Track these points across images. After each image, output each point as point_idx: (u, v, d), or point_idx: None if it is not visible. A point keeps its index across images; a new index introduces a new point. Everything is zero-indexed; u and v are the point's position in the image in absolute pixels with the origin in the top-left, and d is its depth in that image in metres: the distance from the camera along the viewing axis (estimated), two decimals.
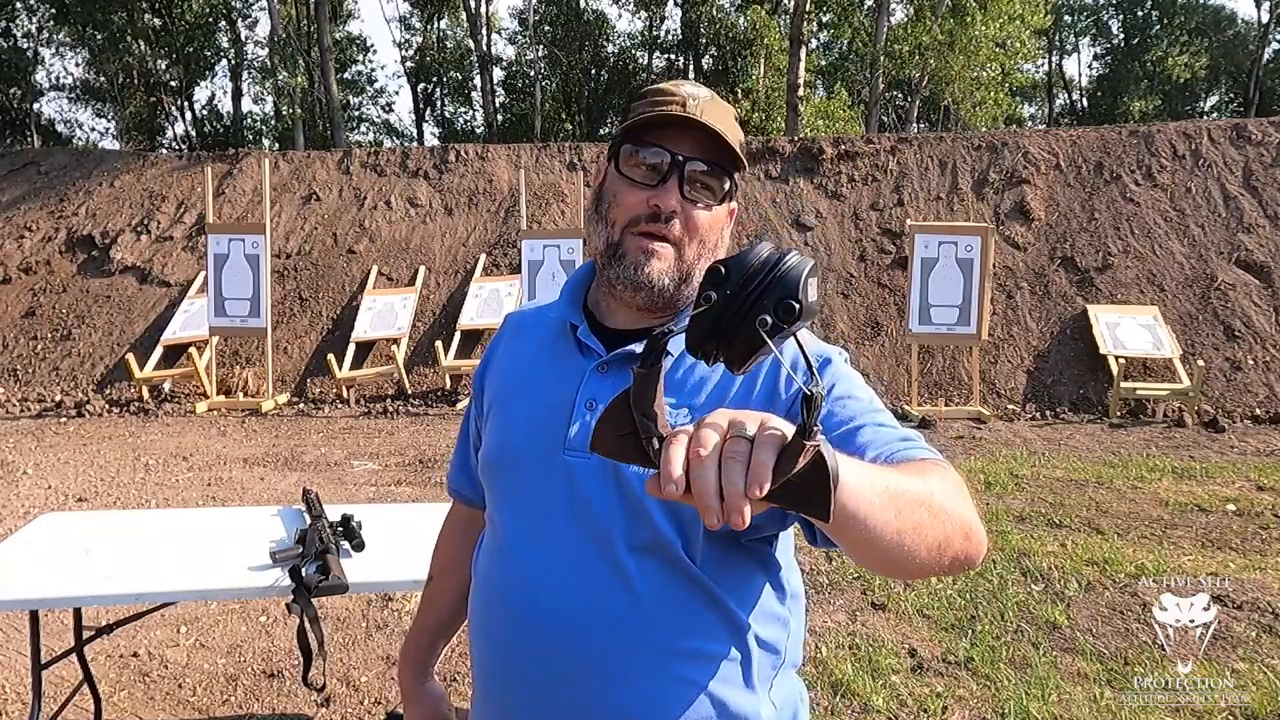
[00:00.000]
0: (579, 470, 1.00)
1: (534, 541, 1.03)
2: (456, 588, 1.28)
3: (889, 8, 19.67)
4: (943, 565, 0.81)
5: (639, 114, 1.01)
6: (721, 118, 1.02)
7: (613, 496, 0.99)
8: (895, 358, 9.46)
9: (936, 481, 0.83)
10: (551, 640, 1.00)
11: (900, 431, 0.94)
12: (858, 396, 0.99)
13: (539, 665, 1.01)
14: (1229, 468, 6.26)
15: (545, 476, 1.02)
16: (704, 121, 0.98)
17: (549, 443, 1.03)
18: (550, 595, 1.00)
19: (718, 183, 1.03)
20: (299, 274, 10.81)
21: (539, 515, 1.03)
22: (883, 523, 0.72)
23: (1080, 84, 33.73)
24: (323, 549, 2.18)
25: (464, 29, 27.56)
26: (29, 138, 24.29)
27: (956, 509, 0.82)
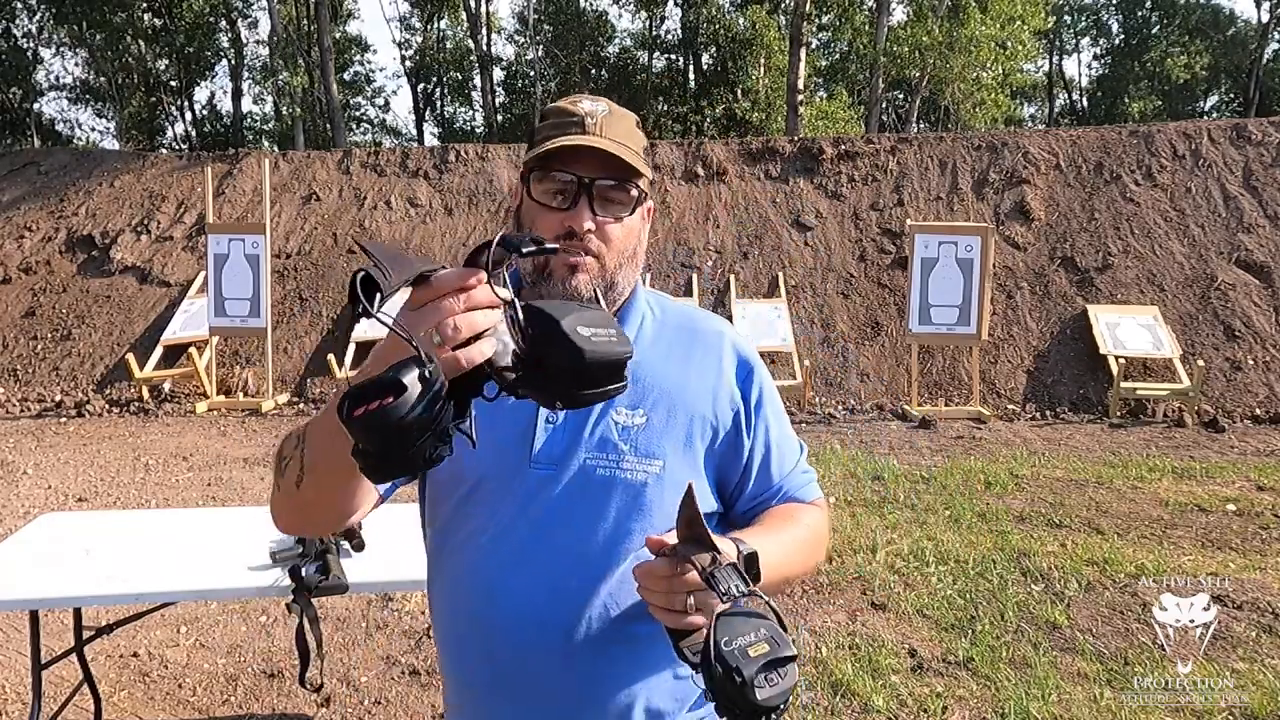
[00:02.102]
0: (550, 482, 1.07)
1: (514, 555, 1.08)
2: None
3: (889, 8, 19.67)
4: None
5: (541, 139, 1.06)
6: (621, 130, 1.07)
7: (585, 511, 1.07)
8: (895, 358, 9.45)
9: (803, 530, 1.13)
10: (537, 643, 1.06)
11: (788, 467, 1.19)
12: (774, 419, 1.19)
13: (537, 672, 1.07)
14: (1229, 468, 6.26)
15: (517, 492, 1.08)
16: (600, 145, 1.03)
17: (517, 458, 1.08)
18: (534, 606, 1.06)
19: (625, 194, 1.08)
20: (299, 274, 10.81)
21: (513, 531, 1.08)
22: (780, 583, 1.05)
23: (1080, 84, 33.75)
24: (323, 549, 2.18)
25: (464, 29, 27.56)
26: (29, 138, 24.28)
27: (819, 548, 1.15)
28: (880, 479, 5.91)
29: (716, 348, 1.18)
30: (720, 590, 0.86)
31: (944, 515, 5.06)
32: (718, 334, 1.20)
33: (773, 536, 1.07)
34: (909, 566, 4.20)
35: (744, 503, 1.20)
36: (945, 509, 5.18)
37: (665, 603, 0.91)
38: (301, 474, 0.96)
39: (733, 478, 1.18)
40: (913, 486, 5.74)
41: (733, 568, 0.88)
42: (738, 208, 11.21)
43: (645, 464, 1.09)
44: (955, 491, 5.59)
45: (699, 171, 11.65)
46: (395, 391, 0.65)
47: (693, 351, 1.16)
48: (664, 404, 1.11)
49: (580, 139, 1.03)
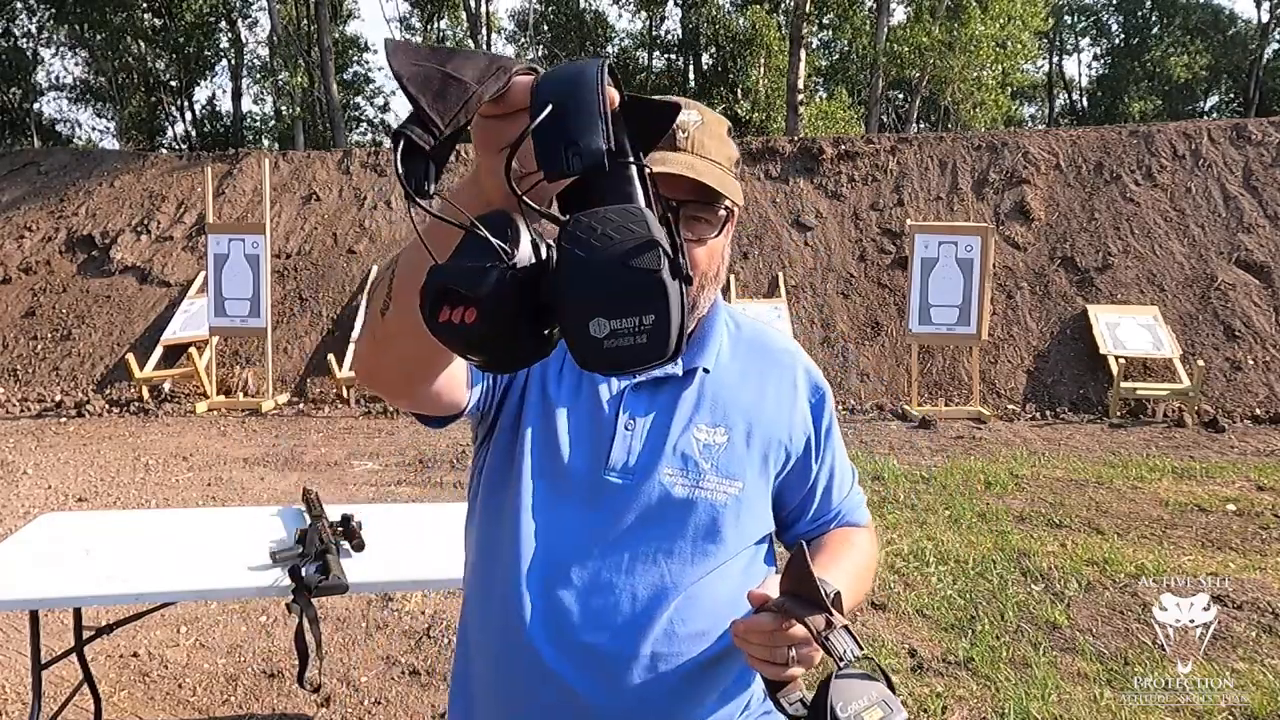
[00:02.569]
0: (624, 492, 1.04)
1: (574, 563, 1.03)
2: None
3: (889, 8, 19.67)
4: None
5: None
6: (713, 144, 1.02)
7: (661, 528, 1.04)
8: (895, 358, 9.45)
9: (863, 556, 1.16)
10: (588, 662, 1.01)
11: (845, 491, 1.21)
12: (838, 445, 1.20)
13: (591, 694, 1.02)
14: (1229, 468, 6.26)
15: (586, 497, 1.04)
16: (696, 173, 0.98)
17: (592, 462, 1.05)
18: (592, 620, 1.02)
19: (713, 215, 1.04)
20: (299, 274, 10.81)
21: (578, 537, 1.04)
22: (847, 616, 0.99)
23: (1080, 84, 33.75)
24: (323, 549, 2.18)
25: (464, 29, 27.56)
26: (29, 138, 24.28)
27: (872, 573, 1.18)
28: (880, 479, 5.91)
29: (791, 370, 1.17)
30: (836, 655, 0.86)
31: (944, 515, 5.06)
32: (791, 355, 1.19)
33: (841, 569, 1.07)
34: (909, 566, 4.20)
35: (803, 525, 1.20)
36: (945, 509, 5.18)
37: (768, 656, 0.91)
38: (388, 300, 0.83)
39: (793, 501, 1.18)
40: (913, 486, 5.74)
41: (846, 630, 0.88)
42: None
43: (726, 485, 1.06)
44: (955, 491, 5.59)
45: None
46: (477, 303, 0.56)
47: (768, 372, 1.15)
48: (743, 424, 1.10)
49: (674, 160, 0.97)
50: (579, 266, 0.54)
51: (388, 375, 0.91)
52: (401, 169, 0.56)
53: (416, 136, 0.56)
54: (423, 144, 0.56)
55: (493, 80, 0.58)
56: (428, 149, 0.56)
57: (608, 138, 0.56)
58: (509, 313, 0.56)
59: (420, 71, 0.58)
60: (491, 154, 0.63)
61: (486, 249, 0.56)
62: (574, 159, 0.56)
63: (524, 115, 0.58)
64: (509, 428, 1.08)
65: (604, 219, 0.55)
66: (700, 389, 1.09)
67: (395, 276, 0.81)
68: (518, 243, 0.57)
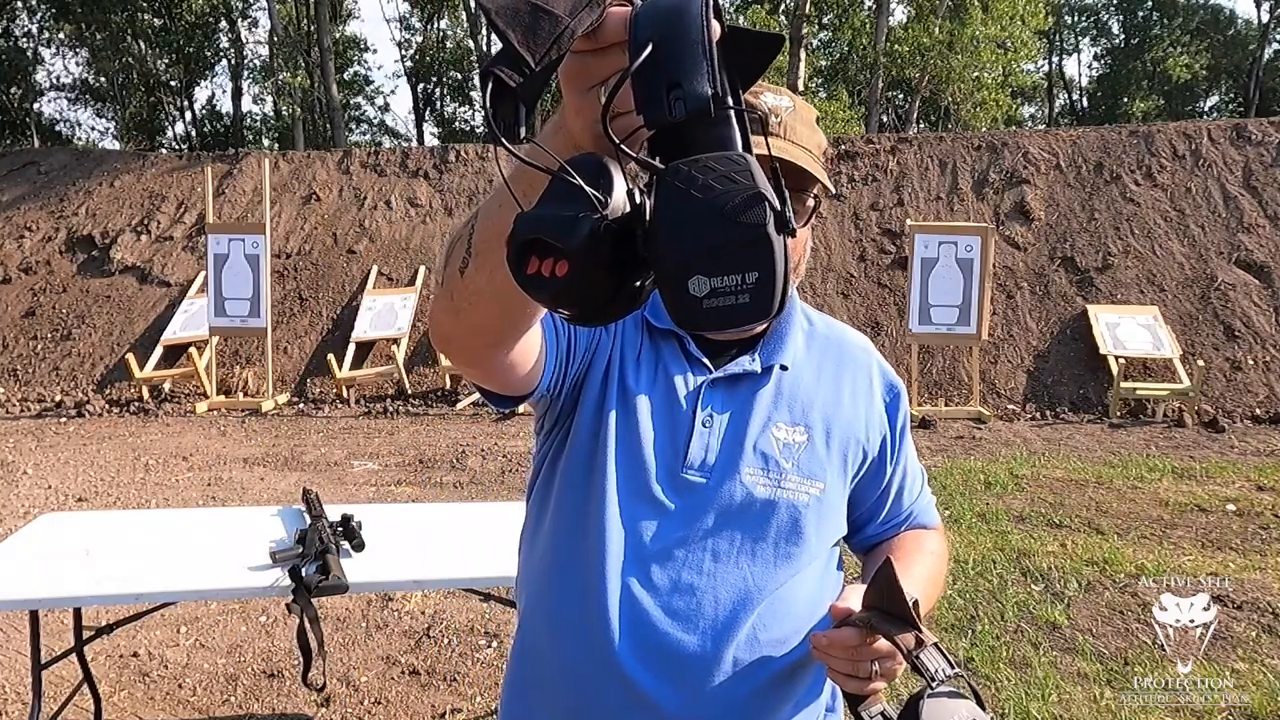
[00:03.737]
0: (705, 491, 1.00)
1: (660, 562, 0.99)
2: None
3: (889, 8, 19.67)
4: None
5: None
6: (803, 130, 1.00)
7: (741, 529, 1.00)
8: (895, 358, 9.45)
9: (936, 560, 1.15)
10: (664, 669, 0.97)
11: (916, 492, 1.20)
12: (908, 450, 1.18)
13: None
14: (1229, 468, 6.26)
15: (660, 495, 1.00)
16: (788, 155, 0.94)
17: (670, 459, 1.01)
18: (668, 623, 0.98)
19: (801, 205, 1.00)
20: (299, 274, 10.81)
21: (650, 534, 1.00)
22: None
23: (1080, 84, 33.75)
24: (323, 549, 2.18)
25: (464, 29, 27.56)
26: (29, 138, 24.28)
27: (944, 575, 1.16)
28: None
29: (866, 368, 1.15)
30: (928, 675, 0.85)
31: (944, 515, 5.06)
32: (866, 352, 1.17)
33: (915, 574, 1.05)
34: None
35: (875, 527, 1.18)
36: (945, 509, 5.18)
37: (851, 670, 0.90)
38: (468, 256, 0.77)
39: (867, 502, 1.15)
40: None
41: (936, 648, 0.86)
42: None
43: (808, 485, 1.03)
44: (955, 491, 5.59)
45: None
46: (569, 256, 0.52)
47: (843, 370, 1.12)
48: (822, 423, 1.06)
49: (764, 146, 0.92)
50: (678, 219, 0.50)
51: (466, 340, 0.86)
52: (491, 110, 0.53)
53: (505, 75, 0.52)
54: (512, 83, 0.52)
55: (586, 12, 0.53)
56: (516, 89, 0.52)
57: (714, 80, 0.52)
58: (603, 266, 0.52)
59: (509, 4, 0.53)
60: (582, 93, 0.58)
61: (577, 196, 0.52)
62: (677, 103, 0.52)
63: (619, 51, 0.54)
64: (592, 415, 1.03)
65: (706, 168, 0.50)
66: (778, 386, 1.07)
67: (476, 230, 0.75)
68: (611, 190, 0.52)
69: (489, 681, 3.14)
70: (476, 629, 3.56)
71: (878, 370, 1.15)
